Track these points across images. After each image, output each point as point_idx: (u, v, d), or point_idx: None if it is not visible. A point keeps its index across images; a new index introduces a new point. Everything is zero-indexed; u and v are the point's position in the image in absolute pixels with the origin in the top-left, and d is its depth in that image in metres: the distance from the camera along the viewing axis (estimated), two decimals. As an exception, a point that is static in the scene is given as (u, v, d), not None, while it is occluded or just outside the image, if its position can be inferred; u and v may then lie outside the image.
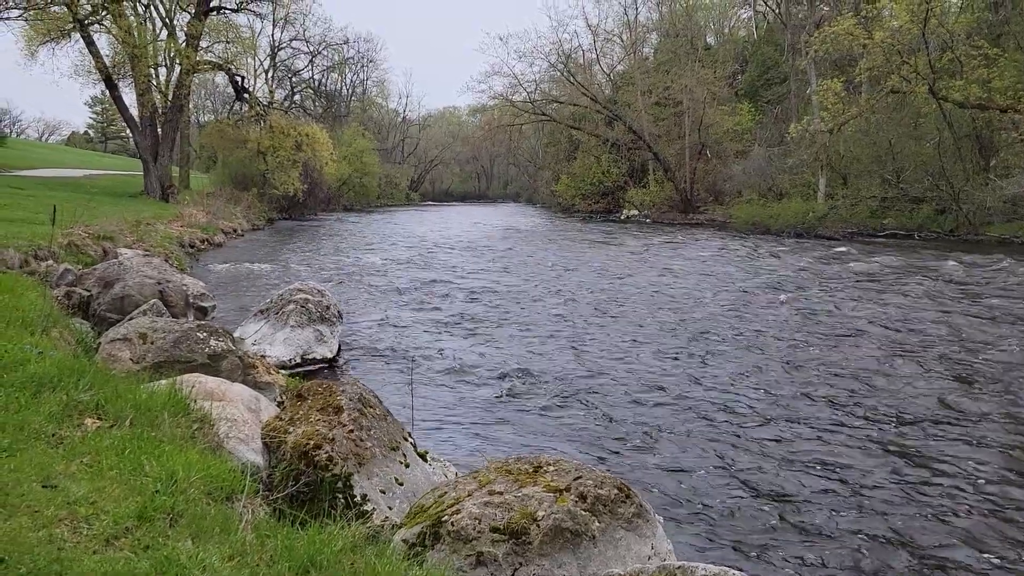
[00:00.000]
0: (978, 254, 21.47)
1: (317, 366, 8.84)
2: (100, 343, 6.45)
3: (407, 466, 4.51)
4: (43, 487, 2.99)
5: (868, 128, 34.27)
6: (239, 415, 4.57)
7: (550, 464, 3.90)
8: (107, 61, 31.14)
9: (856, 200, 33.24)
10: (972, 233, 28.27)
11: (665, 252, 24.45)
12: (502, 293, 15.06)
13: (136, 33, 30.02)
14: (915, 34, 29.46)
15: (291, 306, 9.33)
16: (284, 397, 5.20)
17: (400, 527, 3.71)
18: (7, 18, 28.19)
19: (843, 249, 23.62)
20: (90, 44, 29.52)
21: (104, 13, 28.88)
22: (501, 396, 7.96)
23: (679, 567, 3.05)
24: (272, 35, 53.31)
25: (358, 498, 4.01)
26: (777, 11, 50.45)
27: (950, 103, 29.65)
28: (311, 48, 55.92)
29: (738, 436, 6.68)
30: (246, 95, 37.37)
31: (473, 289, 15.57)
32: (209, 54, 34.07)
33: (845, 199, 33.67)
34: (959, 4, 32.32)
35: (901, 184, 32.47)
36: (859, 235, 30.52)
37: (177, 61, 33.21)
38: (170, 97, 32.75)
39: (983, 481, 5.67)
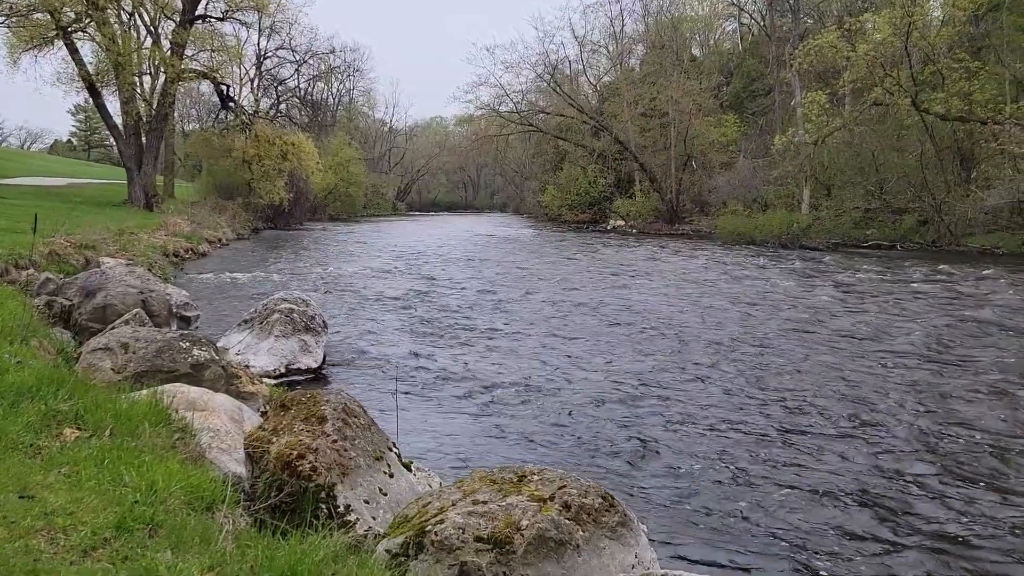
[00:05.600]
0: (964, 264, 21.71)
1: (302, 376, 8.79)
2: (81, 353, 6.40)
3: (391, 476, 4.48)
4: (20, 498, 2.95)
5: (852, 140, 34.57)
6: (222, 425, 4.53)
7: (534, 474, 3.89)
8: (91, 69, 30.94)
9: (840, 211, 33.51)
10: (954, 244, 28.54)
11: (648, 262, 24.53)
12: (487, 303, 15.05)
13: (120, 41, 29.81)
14: (898, 47, 29.80)
15: (275, 316, 9.28)
16: (268, 407, 5.17)
17: (383, 537, 3.69)
18: (-11, 25, 28.03)
19: (828, 259, 23.80)
20: (73, 52, 29.33)
21: (88, 20, 28.74)
22: (486, 406, 7.94)
23: (663, 575, 3.05)
24: (258, 44, 53.13)
25: (341, 508, 3.99)
26: (762, 24, 50.92)
27: (932, 115, 29.99)
28: (297, 57, 55.76)
29: (724, 445, 6.69)
30: (231, 104, 37.26)
31: (459, 299, 15.55)
32: (194, 62, 33.88)
33: (829, 210, 33.93)
34: (941, 17, 32.72)
35: (884, 195, 32.79)
36: (843, 246, 30.75)
37: (162, 69, 33.02)
38: (155, 106, 32.57)
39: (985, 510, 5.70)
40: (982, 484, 5.79)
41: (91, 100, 32.61)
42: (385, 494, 4.30)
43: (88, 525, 2.82)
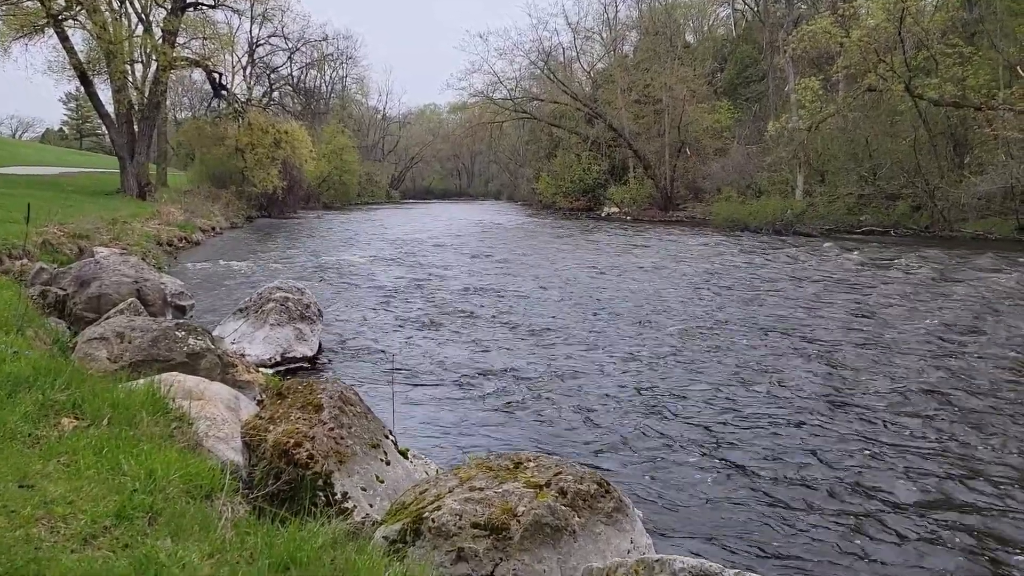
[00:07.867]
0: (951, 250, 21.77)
1: (297, 365, 8.80)
2: (77, 342, 6.41)
3: (388, 464, 4.51)
4: (20, 487, 2.97)
5: (845, 126, 34.57)
6: (218, 414, 4.55)
7: (530, 460, 3.92)
8: (82, 57, 30.69)
9: (833, 197, 33.55)
10: (947, 230, 28.63)
11: (642, 250, 24.55)
12: (484, 291, 15.06)
13: (111, 29, 29.57)
14: (891, 32, 29.75)
15: (271, 304, 9.28)
16: (264, 396, 5.19)
17: (381, 524, 3.72)
18: (-22, 13, 27.76)
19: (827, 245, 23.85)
20: (64, 40, 29.08)
21: (78, 8, 28.45)
22: (482, 394, 7.97)
23: (658, 560, 3.09)
24: (250, 31, 52.66)
25: (339, 496, 4.02)
26: (756, 9, 50.75)
27: (925, 101, 29.99)
28: (290, 45, 55.47)
29: (716, 431, 6.74)
30: (224, 92, 37.05)
31: (455, 287, 15.56)
32: (186, 50, 33.61)
33: (822, 196, 33.96)
34: (934, 2, 32.66)
35: (877, 181, 32.82)
36: (836, 232, 30.78)
37: (154, 57, 32.76)
38: (147, 94, 32.36)
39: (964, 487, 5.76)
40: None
41: (83, 89, 32.35)
42: (382, 481, 4.32)
43: (88, 513, 2.84)
